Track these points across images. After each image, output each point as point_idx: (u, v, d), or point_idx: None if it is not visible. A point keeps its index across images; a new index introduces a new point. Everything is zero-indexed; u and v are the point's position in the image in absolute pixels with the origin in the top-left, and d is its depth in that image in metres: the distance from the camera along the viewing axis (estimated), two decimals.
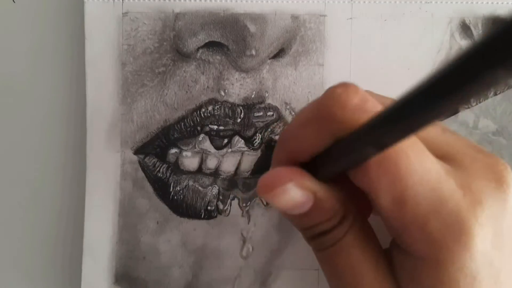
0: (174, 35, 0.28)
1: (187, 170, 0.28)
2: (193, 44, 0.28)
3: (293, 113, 0.28)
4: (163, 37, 0.28)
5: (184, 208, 0.28)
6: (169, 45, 0.28)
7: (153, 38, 0.28)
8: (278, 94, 0.28)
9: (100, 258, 0.28)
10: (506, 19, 0.11)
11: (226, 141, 0.28)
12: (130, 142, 0.28)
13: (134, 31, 0.28)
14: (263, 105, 0.28)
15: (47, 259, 0.29)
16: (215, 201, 0.28)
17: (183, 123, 0.28)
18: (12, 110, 0.29)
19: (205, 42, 0.28)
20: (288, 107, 0.28)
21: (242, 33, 0.27)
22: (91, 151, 0.28)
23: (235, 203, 0.28)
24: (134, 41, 0.28)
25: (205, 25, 0.28)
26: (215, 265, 0.28)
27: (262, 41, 0.27)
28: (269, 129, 0.28)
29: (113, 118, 0.28)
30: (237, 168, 0.28)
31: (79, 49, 0.28)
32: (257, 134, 0.28)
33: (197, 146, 0.28)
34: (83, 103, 0.28)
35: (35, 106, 0.29)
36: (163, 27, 0.28)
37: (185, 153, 0.28)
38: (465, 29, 0.28)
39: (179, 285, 0.28)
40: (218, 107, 0.28)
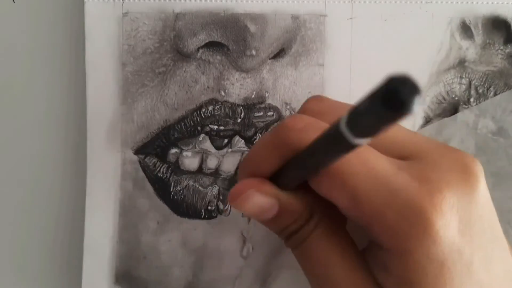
0: (174, 35, 0.28)
1: (188, 170, 0.28)
2: (193, 44, 0.28)
3: (293, 113, 0.28)
4: (163, 37, 0.28)
5: (184, 208, 0.28)
6: (170, 45, 0.28)
7: (154, 38, 0.28)
8: (278, 94, 0.28)
9: (100, 257, 0.28)
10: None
11: (226, 141, 0.28)
12: (130, 142, 0.28)
13: (134, 31, 0.28)
14: (263, 105, 0.28)
15: (48, 259, 0.29)
16: (216, 201, 0.28)
17: (183, 123, 0.28)
18: (12, 110, 0.29)
19: (205, 42, 0.28)
20: (288, 107, 0.28)
21: (242, 33, 0.27)
22: (91, 151, 0.28)
23: None
24: (134, 41, 0.28)
25: (205, 25, 0.28)
26: (215, 265, 0.28)
27: (262, 41, 0.27)
28: (269, 129, 0.28)
29: (114, 118, 0.28)
30: (237, 168, 0.28)
31: (79, 49, 0.28)
32: (258, 134, 0.28)
33: (197, 146, 0.28)
34: (84, 103, 0.28)
35: (35, 106, 0.29)
36: (164, 27, 0.28)
37: (185, 153, 0.28)
38: (465, 29, 0.28)
39: (180, 284, 0.28)
40: (218, 107, 0.28)
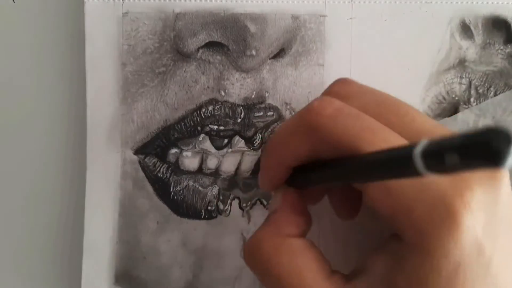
0: (174, 35, 0.28)
1: (188, 170, 0.28)
2: (193, 44, 0.28)
3: (293, 113, 0.28)
4: (163, 37, 0.28)
5: (184, 208, 0.28)
6: (170, 45, 0.28)
7: (154, 38, 0.28)
8: (278, 94, 0.28)
9: (100, 258, 0.28)
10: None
11: (226, 141, 0.28)
12: (130, 142, 0.28)
13: (134, 31, 0.28)
14: (263, 105, 0.28)
15: (48, 259, 0.29)
16: (216, 201, 0.28)
17: (183, 123, 0.28)
18: (12, 110, 0.29)
19: (205, 42, 0.28)
20: (288, 107, 0.28)
21: (242, 33, 0.27)
22: (91, 151, 0.28)
23: (236, 203, 0.28)
24: (134, 41, 0.28)
25: (205, 25, 0.28)
26: (215, 265, 0.28)
27: (262, 41, 0.27)
28: (270, 129, 0.28)
29: (114, 118, 0.28)
30: (238, 168, 0.28)
31: (79, 49, 0.28)
32: (258, 134, 0.28)
33: (197, 146, 0.28)
34: (83, 103, 0.28)
35: (35, 106, 0.29)
36: (164, 27, 0.28)
37: (185, 153, 0.28)
38: (465, 29, 0.28)
39: (179, 285, 0.28)
40: (218, 107, 0.28)
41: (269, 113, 0.28)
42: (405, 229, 0.18)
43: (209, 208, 0.28)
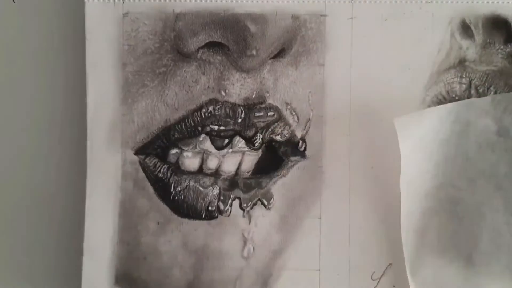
0: (174, 36, 0.28)
1: (188, 170, 0.28)
2: (193, 44, 0.28)
3: (294, 113, 0.28)
4: (163, 37, 0.28)
5: (185, 208, 0.28)
6: (170, 45, 0.28)
7: (154, 38, 0.28)
8: (278, 94, 0.28)
9: (100, 258, 0.28)
10: None
11: (226, 141, 0.28)
12: (130, 142, 0.28)
13: (134, 31, 0.28)
14: (263, 105, 0.28)
15: (48, 260, 0.29)
16: (216, 201, 0.28)
17: (183, 123, 0.28)
18: (12, 110, 0.29)
19: (205, 42, 0.28)
20: (288, 107, 0.28)
21: (242, 33, 0.27)
22: (91, 151, 0.28)
23: (236, 203, 0.28)
24: (134, 41, 0.28)
25: (205, 25, 0.28)
26: (216, 265, 0.28)
27: (262, 41, 0.27)
28: (270, 129, 0.28)
29: (114, 118, 0.28)
30: (238, 168, 0.28)
31: (79, 49, 0.28)
32: (258, 134, 0.28)
33: (197, 146, 0.28)
34: (84, 103, 0.28)
35: (35, 106, 0.29)
36: (164, 28, 0.28)
37: (185, 153, 0.28)
38: (466, 29, 0.28)
39: (180, 285, 0.28)
40: (218, 107, 0.28)
41: (269, 113, 0.28)
42: None
43: (210, 208, 0.28)
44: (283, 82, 0.28)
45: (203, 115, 0.28)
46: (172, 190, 0.28)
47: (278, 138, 0.28)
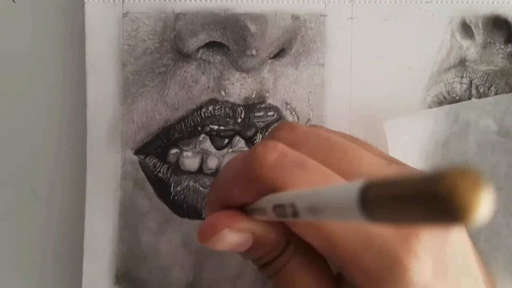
0: (174, 35, 0.28)
1: (188, 170, 0.28)
2: (193, 44, 0.28)
3: (294, 113, 0.28)
4: (163, 37, 0.28)
5: (184, 208, 0.28)
6: (170, 45, 0.28)
7: (154, 38, 0.28)
8: (278, 94, 0.28)
9: (100, 258, 0.28)
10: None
11: (226, 141, 0.28)
12: (130, 142, 0.28)
13: (134, 31, 0.28)
14: (263, 105, 0.28)
15: (48, 259, 0.29)
16: None
17: (183, 123, 0.28)
18: (12, 110, 0.29)
19: (205, 42, 0.28)
20: (288, 107, 0.28)
21: (242, 33, 0.27)
22: (91, 151, 0.28)
23: None
24: (134, 41, 0.28)
25: (205, 25, 0.28)
26: (216, 265, 0.28)
27: (262, 41, 0.27)
28: (270, 129, 0.28)
29: (114, 118, 0.28)
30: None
31: (79, 49, 0.28)
32: (258, 134, 0.28)
33: (197, 146, 0.28)
34: (84, 103, 0.28)
35: (35, 106, 0.29)
36: (164, 27, 0.28)
37: (185, 153, 0.28)
38: (466, 29, 0.28)
39: (180, 285, 0.28)
40: (218, 107, 0.28)
41: (269, 113, 0.28)
42: (355, 277, 0.18)
43: None
44: (283, 82, 0.28)
45: (203, 115, 0.28)
46: (172, 190, 0.28)
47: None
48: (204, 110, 0.28)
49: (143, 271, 0.28)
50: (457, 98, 0.28)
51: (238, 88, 0.28)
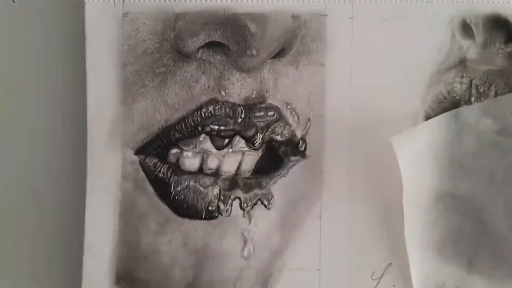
0: (174, 35, 0.28)
1: (188, 170, 0.28)
2: (193, 44, 0.28)
3: (294, 113, 0.28)
4: (163, 37, 0.28)
5: (185, 208, 0.28)
6: (170, 45, 0.28)
7: (154, 38, 0.28)
8: (279, 94, 0.28)
9: (101, 258, 0.28)
10: None
11: (227, 141, 0.28)
12: (130, 142, 0.28)
13: (134, 31, 0.28)
14: (264, 105, 0.28)
15: (48, 260, 0.29)
16: (216, 201, 0.28)
17: (183, 123, 0.28)
18: (12, 110, 0.29)
19: (205, 42, 0.28)
20: (289, 107, 0.28)
21: (242, 33, 0.27)
22: (91, 151, 0.28)
23: (236, 203, 0.28)
24: (134, 41, 0.28)
25: (205, 25, 0.28)
26: (216, 265, 0.28)
27: (262, 41, 0.27)
28: (270, 129, 0.28)
29: (114, 118, 0.28)
30: (238, 168, 0.28)
31: (79, 49, 0.28)
32: (258, 134, 0.28)
33: (198, 146, 0.28)
34: (84, 103, 0.28)
35: (35, 106, 0.29)
36: (164, 27, 0.28)
37: (186, 153, 0.28)
38: (466, 28, 0.28)
39: (180, 285, 0.28)
40: (218, 107, 0.28)
41: (269, 113, 0.28)
42: None
43: (210, 208, 0.28)
44: (283, 82, 0.28)
45: (203, 115, 0.28)
46: (172, 190, 0.28)
47: (278, 138, 0.28)
48: (204, 110, 0.28)
49: (143, 272, 0.28)
50: (457, 98, 0.28)
51: (238, 88, 0.28)
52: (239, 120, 0.28)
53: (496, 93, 0.28)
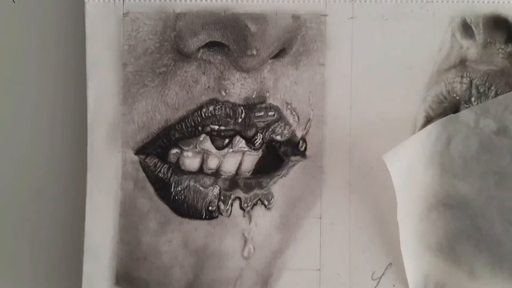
0: (175, 35, 0.28)
1: (188, 170, 0.28)
2: (194, 44, 0.28)
3: (294, 113, 0.28)
4: (164, 37, 0.28)
5: (185, 208, 0.28)
6: (170, 45, 0.28)
7: (154, 38, 0.28)
8: (279, 94, 0.28)
9: (101, 258, 0.28)
10: None
11: (227, 141, 0.28)
12: (131, 142, 0.28)
13: (135, 31, 0.28)
14: (264, 105, 0.28)
15: (48, 260, 0.29)
16: (216, 201, 0.28)
17: (184, 123, 0.28)
18: (12, 110, 0.29)
19: (206, 42, 0.28)
20: (289, 107, 0.28)
21: (243, 33, 0.27)
22: (92, 151, 0.28)
23: (236, 203, 0.28)
24: (135, 41, 0.28)
25: (205, 25, 0.28)
26: (216, 265, 0.28)
27: (263, 41, 0.27)
28: (270, 129, 0.28)
29: (114, 118, 0.28)
30: (238, 168, 0.28)
31: (80, 49, 0.28)
32: (258, 134, 0.28)
33: (198, 146, 0.28)
34: (84, 103, 0.28)
35: (36, 106, 0.29)
36: (164, 27, 0.28)
37: (186, 153, 0.28)
38: (466, 28, 0.28)
39: (180, 285, 0.28)
40: (219, 107, 0.28)
41: (270, 113, 0.28)
42: None
43: (210, 208, 0.28)
44: (283, 82, 0.28)
45: (203, 115, 0.28)
46: (172, 190, 0.28)
47: (278, 138, 0.28)
48: (204, 110, 0.28)
49: (143, 271, 0.28)
50: (457, 97, 0.28)
51: (238, 88, 0.28)
52: (239, 120, 0.28)
53: (496, 93, 0.28)
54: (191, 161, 0.28)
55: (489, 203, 0.26)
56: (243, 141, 0.28)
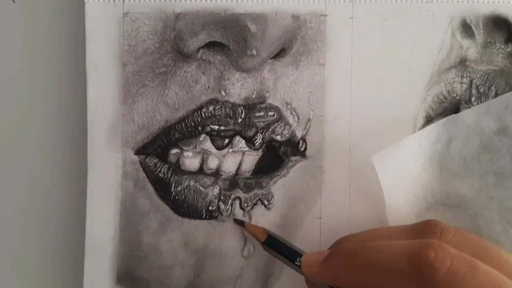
0: (174, 36, 0.28)
1: (188, 170, 0.28)
2: (193, 44, 0.28)
3: (294, 113, 0.28)
4: (163, 37, 0.28)
5: (185, 208, 0.28)
6: (170, 45, 0.28)
7: (154, 38, 0.28)
8: (279, 94, 0.28)
9: (102, 258, 0.28)
10: None
11: (227, 141, 0.28)
12: (131, 142, 0.28)
13: (134, 31, 0.28)
14: (264, 105, 0.28)
15: (49, 259, 0.30)
16: (216, 201, 0.28)
17: (184, 123, 0.28)
18: (12, 111, 0.29)
19: (205, 42, 0.28)
20: (289, 107, 0.28)
21: (242, 33, 0.27)
22: (92, 151, 0.28)
23: (236, 203, 0.28)
24: (135, 41, 0.28)
25: (205, 25, 0.28)
26: (216, 265, 0.28)
27: (263, 41, 0.27)
28: (270, 129, 0.28)
29: (114, 118, 0.28)
30: (238, 168, 0.28)
31: (79, 49, 0.28)
32: (258, 134, 0.28)
33: (198, 146, 0.28)
34: (84, 103, 0.28)
35: (35, 106, 0.29)
36: (164, 28, 0.28)
37: (186, 153, 0.28)
38: (466, 28, 0.28)
39: (181, 285, 0.28)
40: (219, 107, 0.28)
41: (269, 113, 0.28)
42: None
43: (210, 208, 0.28)
44: (283, 82, 0.28)
45: (203, 115, 0.28)
46: (172, 190, 0.28)
47: (278, 138, 0.28)
48: (204, 110, 0.28)
49: (144, 271, 0.28)
50: (458, 97, 0.28)
51: (238, 88, 0.28)
52: (239, 120, 0.28)
53: (496, 93, 0.28)
54: (191, 161, 0.28)
55: (488, 203, 0.26)
56: (243, 141, 0.28)
